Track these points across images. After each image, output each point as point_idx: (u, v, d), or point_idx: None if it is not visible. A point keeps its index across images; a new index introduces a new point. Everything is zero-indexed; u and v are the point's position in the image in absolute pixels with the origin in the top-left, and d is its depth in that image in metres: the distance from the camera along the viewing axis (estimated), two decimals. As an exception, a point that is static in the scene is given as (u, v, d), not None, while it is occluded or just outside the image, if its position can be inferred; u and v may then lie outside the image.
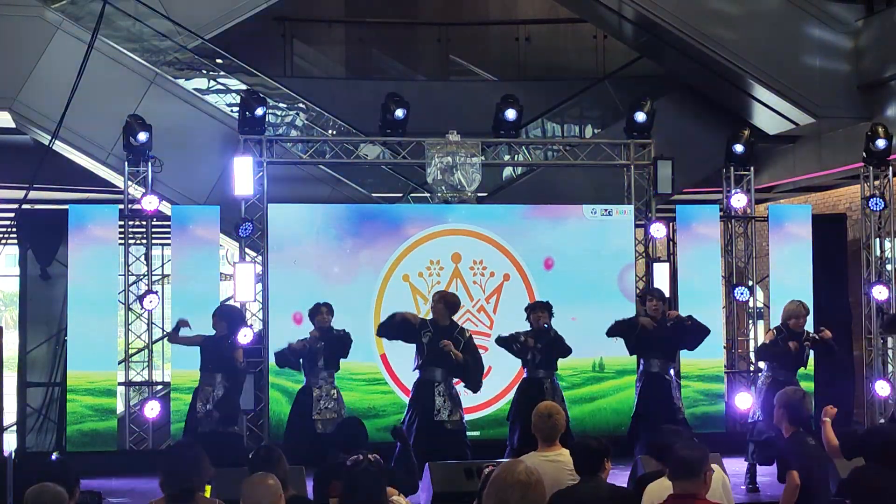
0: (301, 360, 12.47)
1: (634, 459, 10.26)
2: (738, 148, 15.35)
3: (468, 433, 12.40)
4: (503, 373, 13.73)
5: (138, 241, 14.46)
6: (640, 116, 14.94)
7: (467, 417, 12.60)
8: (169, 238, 14.50)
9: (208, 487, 9.56)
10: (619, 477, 9.01)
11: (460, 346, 11.98)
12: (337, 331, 12.50)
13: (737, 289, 15.05)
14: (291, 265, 14.20)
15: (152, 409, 13.69)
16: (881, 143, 14.97)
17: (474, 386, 12.28)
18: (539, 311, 12.47)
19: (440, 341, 11.89)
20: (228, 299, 15.18)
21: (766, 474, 11.41)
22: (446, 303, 12.25)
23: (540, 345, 12.31)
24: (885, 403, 14.91)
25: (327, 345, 12.40)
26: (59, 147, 14.95)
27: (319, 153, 15.16)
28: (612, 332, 12.54)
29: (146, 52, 16.03)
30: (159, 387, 14.47)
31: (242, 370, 12.41)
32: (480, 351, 12.40)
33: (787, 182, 18.29)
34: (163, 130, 14.53)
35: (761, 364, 12.61)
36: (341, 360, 12.61)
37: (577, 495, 6.48)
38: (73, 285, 13.86)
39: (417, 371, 12.14)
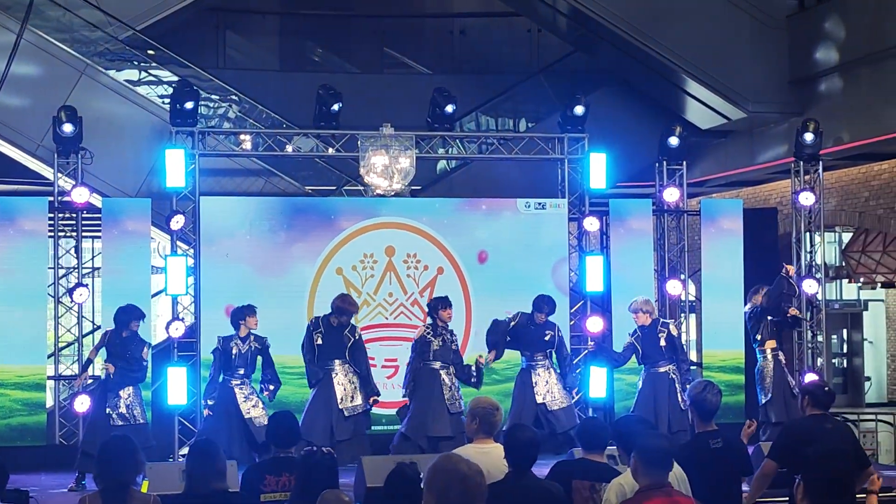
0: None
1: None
2: (672, 142, 15.41)
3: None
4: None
5: (68, 234, 14.28)
6: (578, 110, 14.92)
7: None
8: (99, 230, 14.31)
9: (146, 483, 9.49)
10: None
11: (349, 343, 12.36)
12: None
13: (669, 282, 15.14)
14: (224, 258, 14.09)
15: (82, 404, 13.51)
16: (811, 137, 15.10)
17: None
18: (448, 307, 12.65)
19: None
20: (160, 292, 15.04)
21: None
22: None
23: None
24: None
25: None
26: (-13, 138, 14.77)
27: (252, 145, 15.05)
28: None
29: (76, 42, 15.85)
30: (90, 381, 14.28)
31: None
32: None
33: (719, 176, 18.44)
34: (93, 122, 14.38)
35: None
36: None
37: (510, 490, 6.44)
38: (1, 278, 13.66)
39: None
